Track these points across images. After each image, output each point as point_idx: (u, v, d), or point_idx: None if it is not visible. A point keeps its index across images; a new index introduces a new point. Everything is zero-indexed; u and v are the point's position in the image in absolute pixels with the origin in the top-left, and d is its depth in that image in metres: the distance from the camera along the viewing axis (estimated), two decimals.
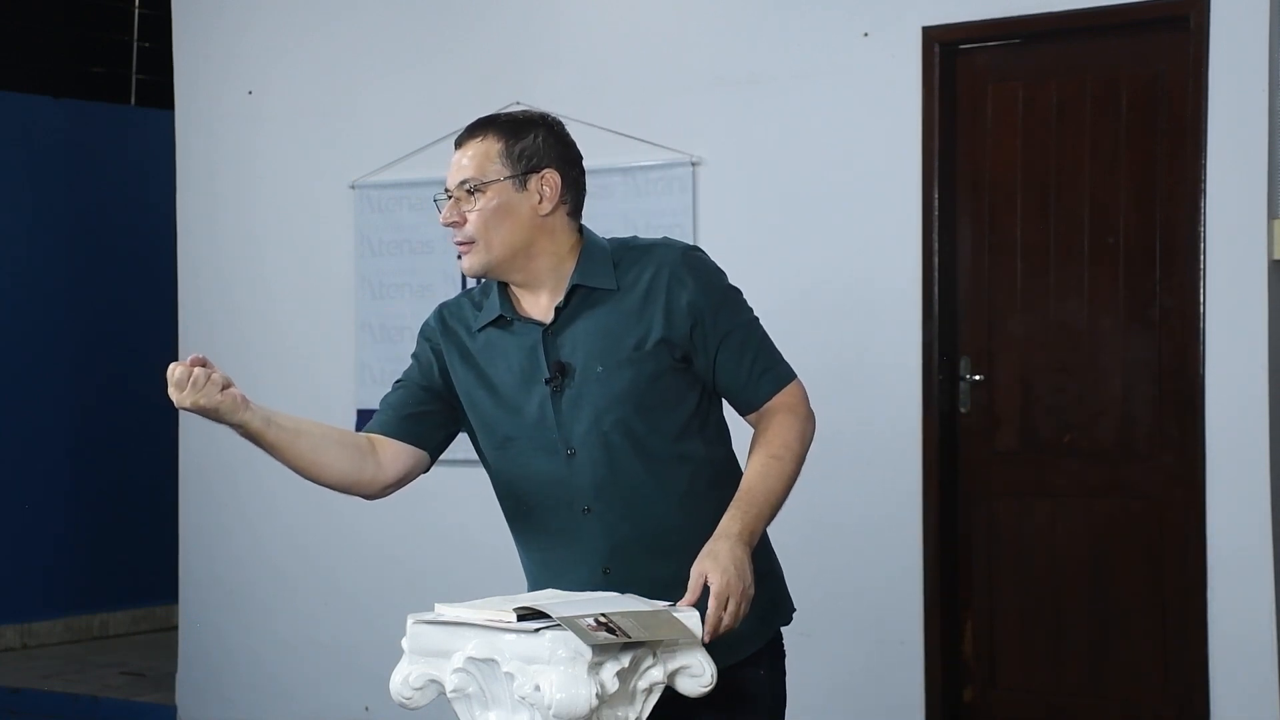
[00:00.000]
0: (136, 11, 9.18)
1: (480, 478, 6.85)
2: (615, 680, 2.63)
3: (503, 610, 2.66)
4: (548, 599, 2.74)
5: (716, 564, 2.82)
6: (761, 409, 3.02)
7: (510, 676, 2.62)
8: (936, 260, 5.57)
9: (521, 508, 3.08)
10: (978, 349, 5.62)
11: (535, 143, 3.04)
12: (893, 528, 5.57)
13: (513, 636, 2.63)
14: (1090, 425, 5.47)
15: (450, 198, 3.03)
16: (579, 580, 2.97)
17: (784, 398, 3.02)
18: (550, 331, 3.01)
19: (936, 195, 5.58)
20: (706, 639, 2.77)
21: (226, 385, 2.93)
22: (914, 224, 5.59)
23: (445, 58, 6.42)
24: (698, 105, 5.85)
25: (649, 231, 5.91)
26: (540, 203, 3.02)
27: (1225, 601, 5.16)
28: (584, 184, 3.10)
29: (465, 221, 3.02)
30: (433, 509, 6.40)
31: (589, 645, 2.58)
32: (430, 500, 6.40)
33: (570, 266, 3.02)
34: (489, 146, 3.01)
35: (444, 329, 3.13)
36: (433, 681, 2.73)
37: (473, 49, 6.36)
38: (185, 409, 2.92)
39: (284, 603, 6.74)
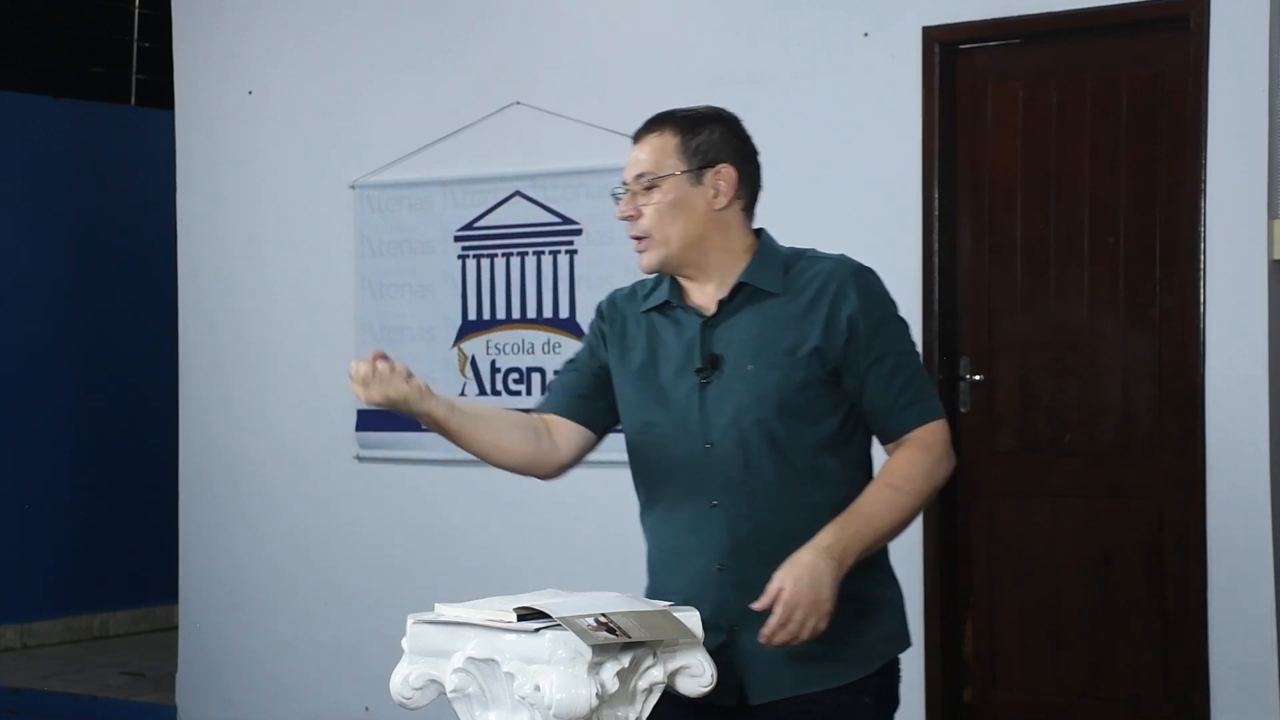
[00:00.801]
0: (136, 11, 9.19)
1: (480, 478, 6.86)
2: (615, 680, 2.63)
3: (503, 610, 2.66)
4: (548, 599, 2.74)
5: (792, 572, 2.82)
6: (899, 440, 2.99)
7: (510, 676, 2.62)
8: (936, 260, 5.58)
9: (653, 494, 3.08)
10: (978, 349, 5.62)
11: (711, 137, 3.05)
12: None
13: (513, 636, 2.63)
14: (1090, 425, 5.47)
15: (627, 191, 3.05)
16: (692, 571, 2.97)
17: (923, 433, 2.97)
18: (709, 323, 3.02)
19: (936, 195, 5.58)
20: (764, 641, 2.78)
21: (408, 376, 2.99)
22: (914, 224, 5.59)
23: (445, 58, 6.42)
24: (699, 105, 5.84)
25: None
26: (715, 197, 3.03)
27: (1225, 601, 5.16)
28: (760, 180, 3.11)
29: (641, 215, 3.03)
30: (433, 509, 6.41)
31: (589, 645, 2.59)
32: (430, 500, 6.42)
33: (742, 264, 3.04)
34: (665, 141, 3.03)
35: (612, 311, 3.16)
36: (433, 681, 2.73)
37: (473, 49, 6.37)
38: (374, 404, 3.00)
39: (284, 603, 6.74)
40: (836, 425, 2.98)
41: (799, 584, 2.80)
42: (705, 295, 3.05)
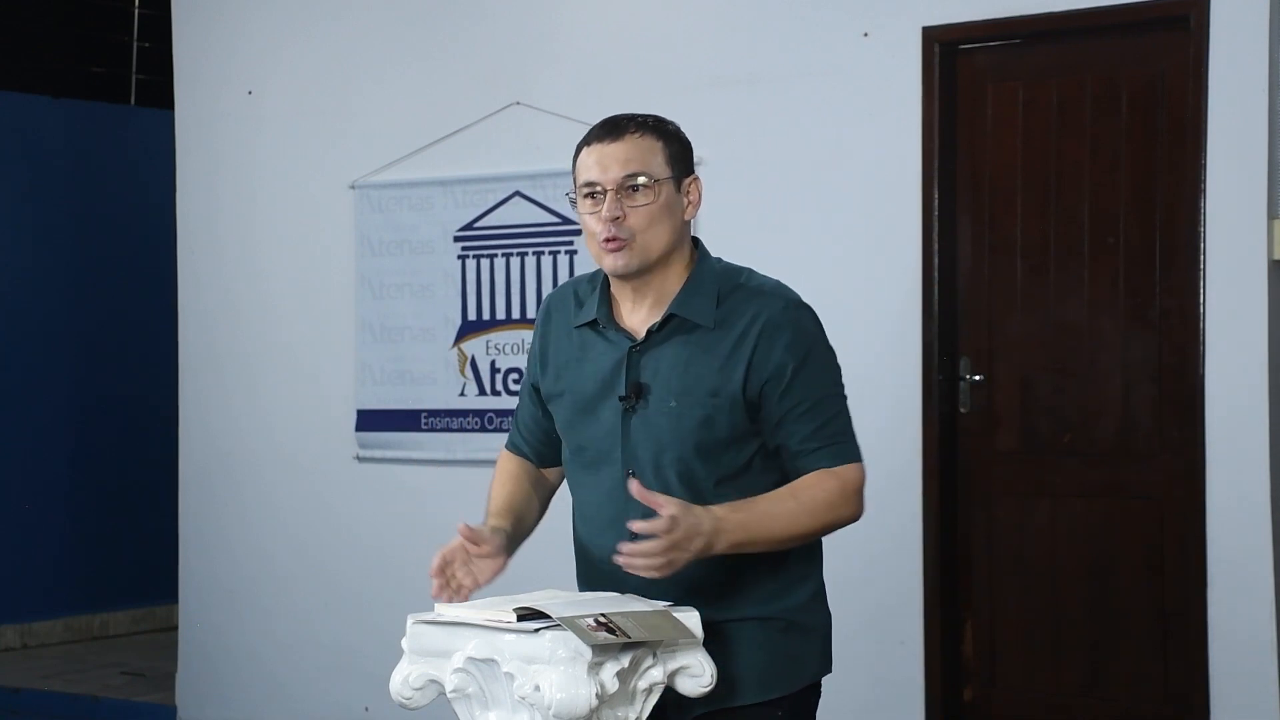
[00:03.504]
0: (136, 11, 9.18)
1: (480, 478, 6.83)
2: (615, 680, 2.63)
3: (503, 610, 2.66)
4: (548, 599, 2.74)
5: (681, 509, 2.75)
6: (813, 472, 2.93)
7: (510, 676, 2.62)
8: (936, 260, 5.57)
9: (580, 517, 3.07)
10: (978, 349, 5.62)
11: (681, 148, 3.00)
12: (893, 528, 5.56)
13: (513, 636, 2.63)
14: (1090, 425, 5.47)
15: (609, 192, 2.94)
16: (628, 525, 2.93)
17: (842, 469, 2.92)
18: (637, 349, 2.97)
19: (936, 195, 5.57)
20: (621, 562, 2.73)
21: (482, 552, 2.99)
22: (914, 224, 5.59)
23: (445, 58, 6.42)
24: (698, 105, 5.84)
25: None
26: (687, 208, 2.99)
27: (1225, 601, 5.16)
28: None
29: (627, 217, 2.93)
30: (432, 509, 6.41)
31: (589, 645, 2.58)
32: (430, 500, 6.42)
33: (678, 284, 2.97)
34: (650, 144, 2.96)
35: (545, 325, 3.11)
36: (433, 681, 2.73)
37: (472, 49, 6.36)
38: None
39: (284, 603, 6.74)
40: (748, 458, 2.95)
41: (677, 524, 2.73)
42: (637, 317, 2.99)
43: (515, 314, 6.26)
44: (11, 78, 8.68)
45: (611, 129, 2.99)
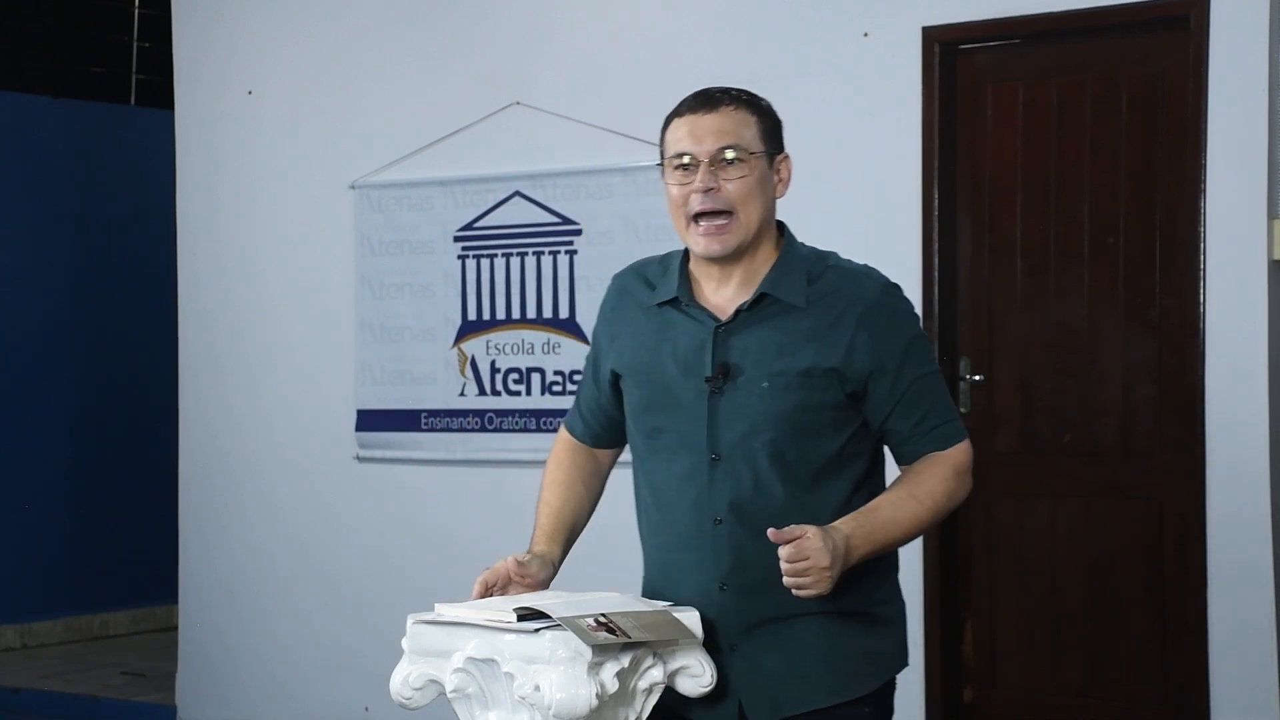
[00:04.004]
0: (136, 11, 9.19)
1: (480, 479, 6.84)
2: (615, 680, 2.63)
3: (503, 610, 2.66)
4: (548, 599, 2.74)
5: (821, 535, 2.71)
6: (925, 458, 2.92)
7: (510, 676, 2.62)
8: (936, 260, 5.58)
9: (655, 502, 2.98)
10: (978, 349, 5.62)
11: (774, 124, 2.96)
12: None
13: (513, 636, 2.63)
14: (1090, 425, 5.47)
15: (702, 163, 2.88)
16: (692, 586, 2.89)
17: (954, 452, 2.91)
18: (723, 329, 2.90)
19: (936, 195, 5.57)
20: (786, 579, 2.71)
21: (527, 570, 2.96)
22: (914, 224, 5.59)
23: (445, 58, 6.42)
24: None
25: (649, 231, 5.92)
26: (778, 185, 2.95)
27: (1225, 601, 5.16)
28: None
29: (722, 189, 2.87)
30: (432, 509, 6.41)
31: (589, 645, 2.58)
32: (430, 500, 6.42)
33: (766, 266, 2.92)
34: (744, 117, 2.92)
35: (617, 305, 3.05)
36: (433, 681, 2.73)
37: (472, 49, 6.36)
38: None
39: (284, 603, 6.74)
40: (843, 443, 2.89)
41: (821, 547, 2.69)
42: (723, 296, 2.93)
43: (515, 314, 6.26)
44: (11, 78, 8.69)
45: (705, 100, 2.94)
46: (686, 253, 2.98)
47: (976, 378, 5.61)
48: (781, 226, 3.00)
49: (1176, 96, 5.27)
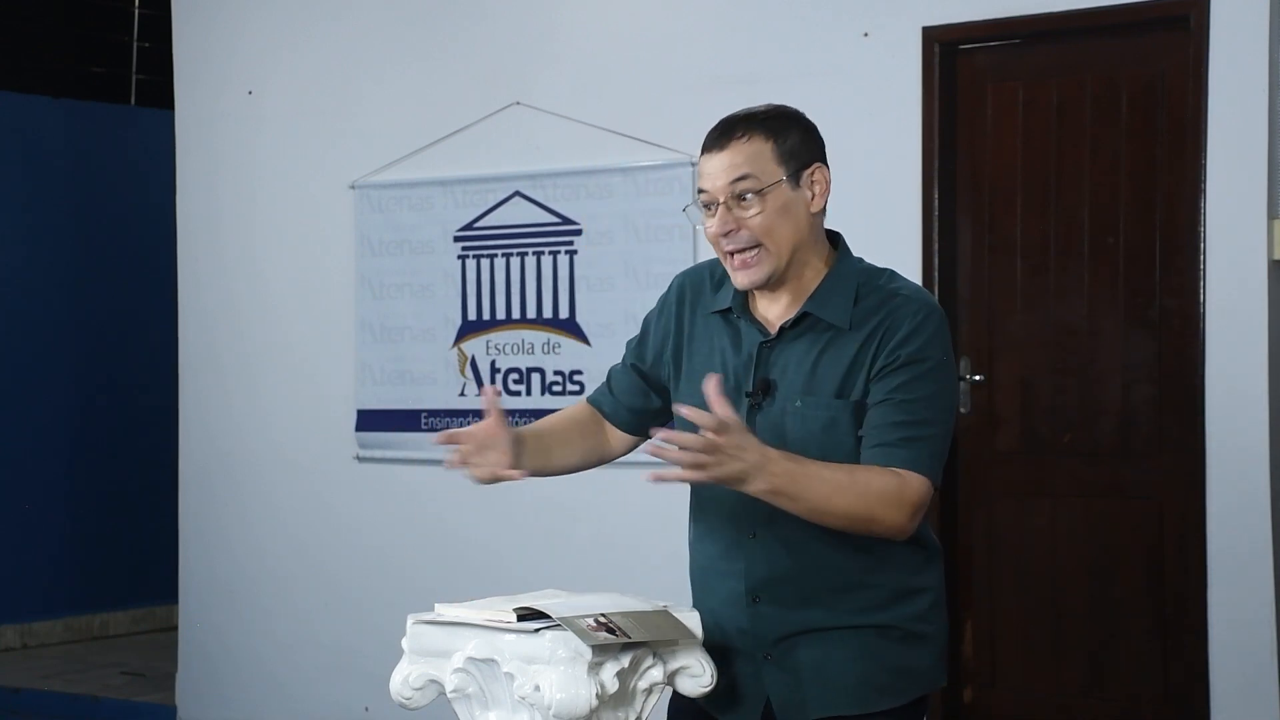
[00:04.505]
0: (136, 11, 9.18)
1: None
2: (615, 680, 2.63)
3: (503, 610, 2.66)
4: (548, 599, 2.74)
5: (741, 429, 2.67)
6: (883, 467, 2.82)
7: (510, 676, 2.62)
8: (936, 260, 5.58)
9: (698, 508, 3.00)
10: (978, 349, 5.62)
11: (798, 138, 2.91)
12: None
13: (513, 636, 2.63)
14: (1090, 425, 5.47)
15: (718, 204, 2.87)
16: (726, 594, 2.90)
17: (906, 474, 2.80)
18: (768, 345, 2.91)
19: (936, 195, 5.58)
20: (651, 450, 2.68)
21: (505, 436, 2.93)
22: (914, 224, 5.59)
23: (445, 58, 6.42)
24: (698, 105, 5.84)
25: (649, 231, 5.92)
26: (813, 200, 2.90)
27: (1225, 601, 5.16)
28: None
29: (740, 228, 2.86)
30: (432, 509, 6.41)
31: (589, 645, 2.58)
32: (430, 500, 6.42)
33: (817, 280, 2.91)
34: (758, 146, 2.87)
35: (684, 301, 3.03)
36: (433, 681, 2.73)
37: (472, 49, 6.37)
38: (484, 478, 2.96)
39: (284, 603, 6.74)
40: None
41: (733, 440, 2.64)
42: (773, 310, 2.92)
43: (515, 314, 6.26)
44: (11, 78, 8.69)
45: (720, 134, 2.90)
46: None
47: (976, 378, 5.61)
48: (836, 239, 2.98)
49: (1176, 96, 5.27)
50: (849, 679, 2.89)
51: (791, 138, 2.90)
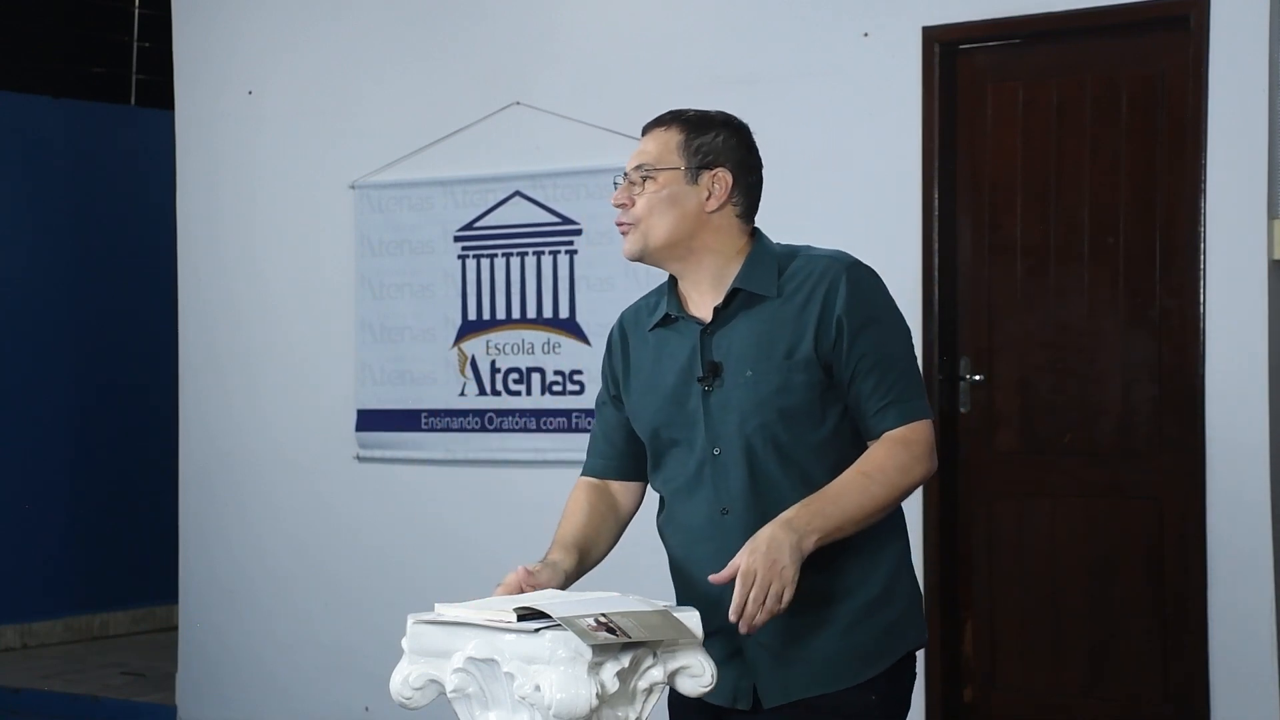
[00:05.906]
0: (136, 11, 9.19)
1: (480, 479, 6.83)
2: (615, 680, 2.63)
3: (503, 610, 2.66)
4: (548, 599, 2.74)
5: (749, 545, 2.81)
6: (879, 438, 2.97)
7: (510, 676, 2.62)
8: (936, 260, 5.58)
9: (672, 502, 3.10)
10: (978, 349, 5.62)
11: (715, 141, 3.08)
12: None
13: (513, 636, 2.63)
14: (1090, 425, 5.47)
15: (625, 180, 3.09)
16: (706, 577, 2.94)
17: (905, 430, 2.95)
18: (708, 331, 3.04)
19: (936, 195, 5.58)
20: (742, 628, 2.78)
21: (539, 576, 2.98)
22: (914, 224, 5.59)
23: (445, 58, 6.43)
24: (698, 105, 5.83)
25: None
26: (708, 199, 3.05)
27: (1225, 601, 5.16)
28: (760, 190, 3.12)
29: (633, 204, 3.06)
30: (432, 509, 6.41)
31: (589, 645, 2.58)
32: (429, 500, 6.42)
33: (736, 268, 3.05)
34: (670, 137, 3.08)
35: (620, 341, 3.18)
36: (433, 681, 2.73)
37: (472, 49, 6.37)
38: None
39: (284, 603, 6.74)
40: (835, 424, 2.98)
41: (754, 555, 2.79)
42: (704, 303, 3.07)
43: (515, 314, 6.26)
44: (11, 78, 8.69)
45: (652, 121, 3.13)
46: (673, 276, 3.12)
47: (976, 378, 5.61)
48: (755, 233, 3.11)
49: (1176, 96, 5.27)
50: (828, 655, 2.96)
51: (707, 138, 3.08)
